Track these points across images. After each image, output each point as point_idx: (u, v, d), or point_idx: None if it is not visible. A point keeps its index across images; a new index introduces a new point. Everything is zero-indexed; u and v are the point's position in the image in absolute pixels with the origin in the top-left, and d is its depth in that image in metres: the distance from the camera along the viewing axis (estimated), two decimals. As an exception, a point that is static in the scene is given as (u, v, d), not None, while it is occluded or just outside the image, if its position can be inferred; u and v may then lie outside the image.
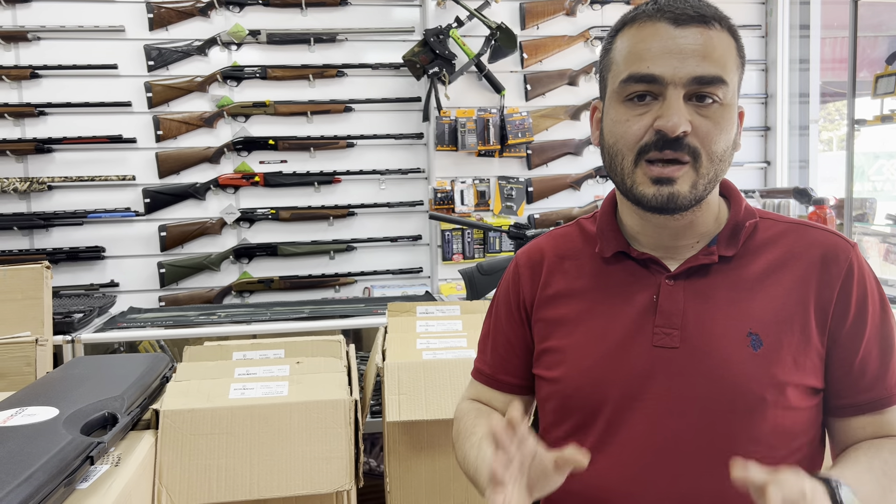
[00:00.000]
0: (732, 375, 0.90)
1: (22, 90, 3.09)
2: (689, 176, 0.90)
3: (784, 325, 0.92)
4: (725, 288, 0.95)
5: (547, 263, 1.07)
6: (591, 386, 0.97)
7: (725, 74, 0.90)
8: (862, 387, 0.94)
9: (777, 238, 0.98)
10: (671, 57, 0.88)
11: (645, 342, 0.95)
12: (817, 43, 3.63)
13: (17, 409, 1.35)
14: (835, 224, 2.69)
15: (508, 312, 1.10)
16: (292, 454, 1.50)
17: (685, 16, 0.89)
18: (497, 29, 3.28)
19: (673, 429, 0.92)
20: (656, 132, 0.89)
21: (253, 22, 3.23)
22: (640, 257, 0.99)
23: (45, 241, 3.13)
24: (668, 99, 0.88)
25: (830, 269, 0.94)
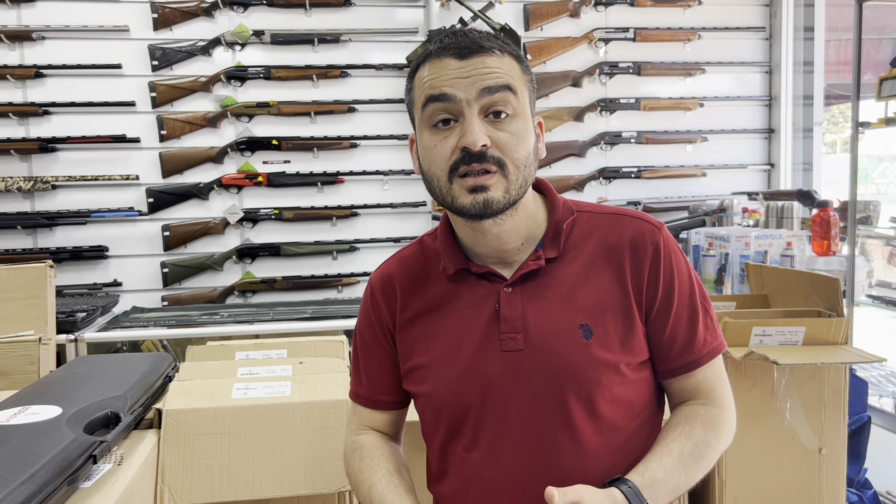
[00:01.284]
0: (570, 365, 1.02)
1: (26, 89, 3.10)
2: (500, 183, 0.99)
3: (609, 312, 1.04)
4: (555, 286, 1.06)
5: (399, 287, 1.15)
6: (456, 396, 1.06)
7: (513, 84, 1.00)
8: (674, 354, 1.07)
9: (593, 230, 1.09)
10: (460, 80, 0.98)
11: (495, 348, 1.04)
12: (821, 45, 3.62)
13: (20, 408, 1.35)
14: (838, 226, 2.69)
15: (373, 336, 1.18)
16: (295, 454, 1.51)
17: (466, 49, 0.99)
18: (501, 30, 3.27)
19: (530, 421, 1.03)
20: (462, 150, 0.98)
21: (257, 22, 3.24)
22: (479, 271, 1.08)
23: (48, 241, 3.14)
24: (467, 119, 0.98)
25: (639, 252, 1.05)
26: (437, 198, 1.05)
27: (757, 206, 3.31)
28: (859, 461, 2.20)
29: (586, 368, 1.02)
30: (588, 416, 1.03)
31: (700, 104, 3.59)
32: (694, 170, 3.60)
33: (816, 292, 2.01)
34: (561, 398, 1.02)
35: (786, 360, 1.70)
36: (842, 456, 1.89)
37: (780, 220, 3.02)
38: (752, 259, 2.62)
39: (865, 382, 2.27)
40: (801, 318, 1.88)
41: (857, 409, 2.17)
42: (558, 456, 1.03)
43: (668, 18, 3.56)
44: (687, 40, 3.55)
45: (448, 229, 1.13)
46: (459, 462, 1.09)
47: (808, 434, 1.87)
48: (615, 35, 3.51)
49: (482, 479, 1.06)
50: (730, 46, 3.65)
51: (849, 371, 1.90)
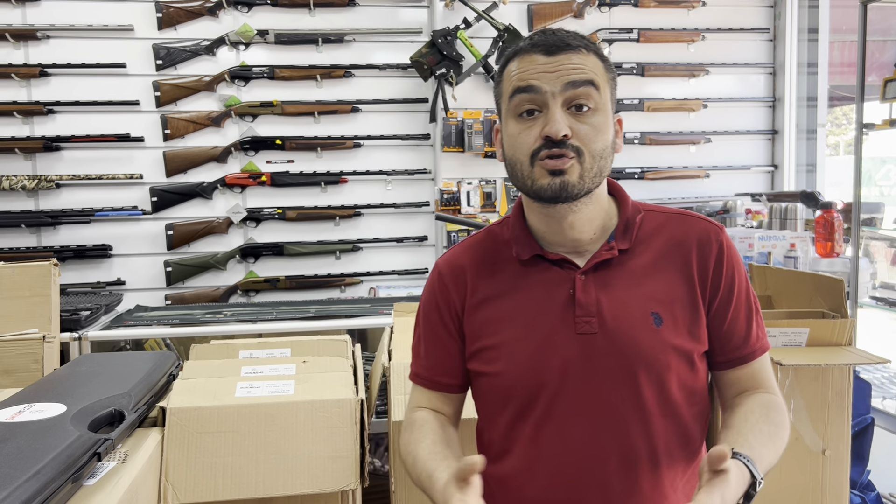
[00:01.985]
0: (642, 349, 1.07)
1: (31, 88, 3.11)
2: (576, 168, 1.06)
3: (678, 302, 1.11)
4: (626, 276, 1.12)
5: (470, 271, 1.19)
6: (529, 375, 1.11)
7: (595, 80, 1.07)
8: (733, 345, 1.14)
9: (660, 228, 1.16)
10: (547, 75, 1.06)
11: (569, 331, 1.10)
12: (825, 47, 3.62)
13: (25, 406, 1.35)
14: (842, 228, 2.69)
15: (440, 319, 1.21)
16: (298, 453, 1.51)
17: (554, 46, 1.07)
18: (505, 30, 3.28)
19: (602, 400, 1.08)
20: (544, 138, 1.05)
21: (261, 22, 3.24)
22: (553, 258, 1.14)
23: (52, 239, 3.15)
24: (550, 109, 1.05)
25: (705, 249, 1.13)
26: (517, 182, 1.11)
27: (760, 208, 3.31)
28: (862, 463, 2.20)
29: (658, 353, 1.08)
30: (657, 399, 1.08)
31: (704, 105, 3.59)
32: (697, 171, 3.60)
33: (820, 293, 2.01)
34: (633, 380, 1.08)
35: (790, 361, 1.70)
36: (845, 457, 1.89)
37: (784, 221, 3.02)
38: (755, 260, 2.62)
39: (869, 384, 2.27)
40: (804, 320, 1.88)
41: (860, 410, 2.16)
42: (627, 435, 1.08)
43: (671, 19, 3.56)
44: (691, 41, 3.55)
45: (521, 218, 1.19)
46: (527, 440, 1.12)
47: (811, 435, 1.87)
48: (619, 36, 3.51)
49: (550, 455, 1.11)
50: (733, 48, 3.65)
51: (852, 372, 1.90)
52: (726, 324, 1.13)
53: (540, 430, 1.11)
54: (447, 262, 1.23)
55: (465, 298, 1.18)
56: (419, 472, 1.10)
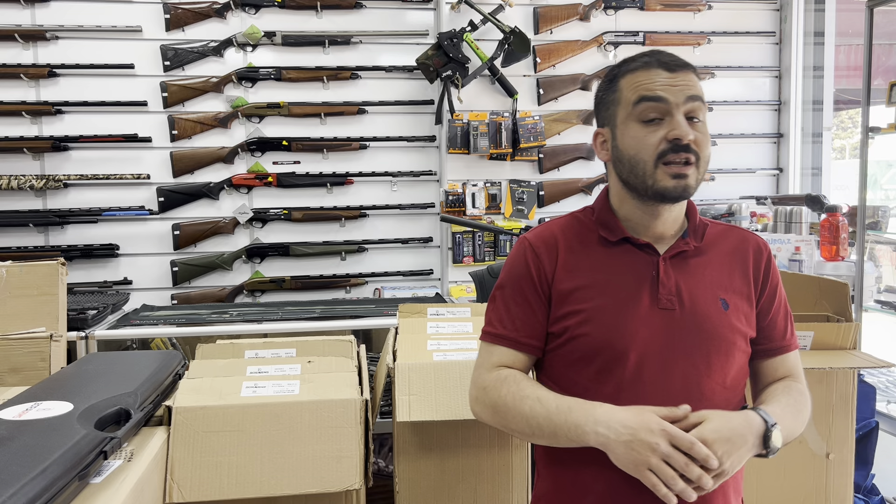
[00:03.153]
0: (714, 327, 1.25)
1: (40, 88, 3.12)
2: (694, 174, 1.23)
3: (738, 293, 1.30)
4: (698, 267, 1.30)
5: (561, 243, 1.33)
6: (617, 339, 1.23)
7: (703, 98, 1.25)
8: (775, 337, 1.33)
9: (722, 235, 1.36)
10: (671, 87, 1.22)
11: (653, 305, 1.25)
12: (831, 50, 3.61)
13: (32, 404, 1.36)
14: (847, 231, 2.68)
15: (530, 285, 1.32)
16: (303, 453, 1.51)
17: (675, 64, 1.24)
18: (511, 33, 3.29)
19: (678, 369, 1.23)
20: (670, 141, 1.20)
21: (268, 23, 3.26)
22: (639, 242, 1.30)
23: (60, 238, 3.17)
24: (675, 117, 1.21)
25: (758, 256, 1.34)
26: (634, 179, 1.25)
27: (765, 211, 3.31)
28: (867, 467, 2.19)
29: (726, 331, 1.25)
30: (722, 372, 1.24)
31: (709, 108, 3.57)
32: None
33: (825, 297, 2.01)
34: (706, 353, 1.23)
35: (793, 365, 1.70)
36: (849, 461, 1.89)
37: (789, 224, 3.01)
38: (760, 263, 2.61)
39: (873, 388, 2.26)
40: (809, 323, 1.88)
41: (864, 414, 2.16)
42: (698, 401, 1.19)
43: (677, 22, 3.56)
44: (696, 44, 3.55)
45: (608, 207, 1.34)
46: (606, 399, 1.21)
47: (815, 439, 1.87)
48: (625, 39, 3.51)
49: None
50: (739, 51, 3.64)
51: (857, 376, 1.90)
52: (768, 318, 1.32)
53: (620, 391, 1.22)
54: (537, 235, 1.36)
55: (556, 266, 1.31)
56: (550, 406, 1.21)
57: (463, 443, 1.78)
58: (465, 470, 1.77)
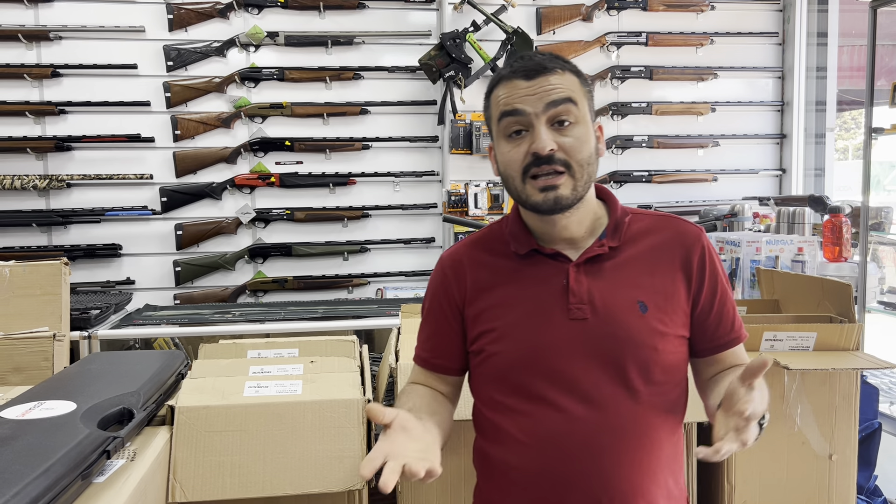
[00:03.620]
0: (630, 333, 1.19)
1: (43, 88, 3.13)
2: (568, 182, 1.18)
3: (660, 293, 1.22)
4: (615, 270, 1.24)
5: (469, 264, 1.31)
6: (527, 355, 1.21)
7: (573, 96, 1.18)
8: (720, 333, 1.27)
9: (647, 229, 1.28)
10: (529, 97, 1.17)
11: (563, 317, 1.21)
12: (835, 51, 3.61)
13: (35, 403, 1.36)
14: (850, 232, 2.68)
15: (440, 308, 1.33)
16: (305, 452, 1.51)
17: (532, 71, 1.18)
18: (513, 33, 3.29)
19: (592, 381, 1.19)
20: (532, 155, 1.17)
21: (271, 24, 3.26)
22: (549, 252, 1.25)
23: (63, 238, 3.17)
24: (535, 128, 1.17)
25: (688, 249, 1.25)
26: (513, 195, 1.23)
27: (768, 212, 3.30)
28: (869, 468, 2.19)
29: (644, 337, 1.19)
30: (643, 379, 1.18)
31: (712, 109, 3.59)
32: (705, 174, 3.60)
33: (828, 298, 2.00)
34: (621, 362, 1.18)
35: (797, 365, 1.70)
36: (852, 462, 1.89)
37: (792, 225, 3.01)
38: (762, 264, 2.61)
39: (876, 389, 2.26)
40: (812, 324, 1.87)
41: (867, 415, 2.16)
42: (616, 414, 1.17)
43: (680, 23, 3.56)
44: (699, 45, 3.55)
45: (519, 217, 1.30)
46: (523, 417, 1.21)
47: (818, 440, 1.87)
48: (627, 39, 3.51)
49: (544, 431, 1.20)
50: (742, 51, 3.64)
51: (860, 377, 1.89)
52: (712, 313, 1.26)
53: (536, 407, 1.20)
54: (450, 256, 1.34)
55: (466, 291, 1.29)
56: None
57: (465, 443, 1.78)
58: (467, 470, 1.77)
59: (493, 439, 1.28)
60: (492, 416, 1.27)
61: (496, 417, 1.26)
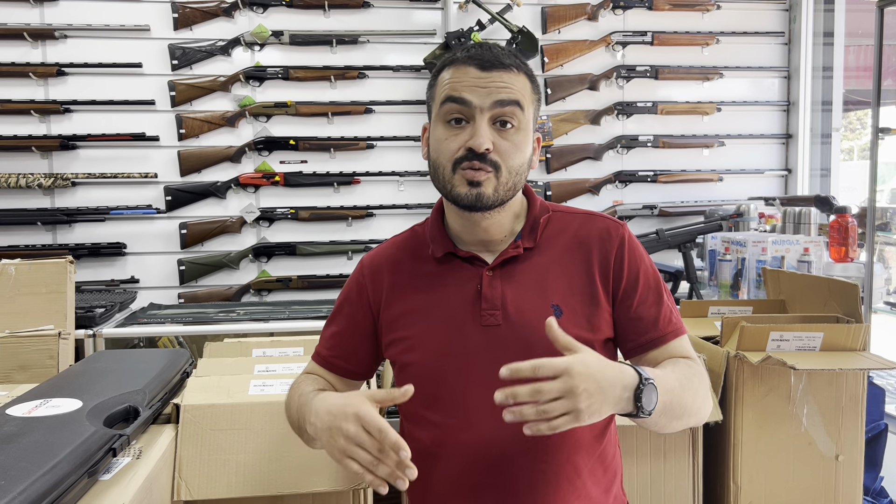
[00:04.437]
0: (543, 340, 1.07)
1: (48, 87, 3.13)
2: (491, 182, 1.14)
3: (577, 295, 1.18)
4: (531, 272, 1.20)
5: (388, 267, 1.28)
6: (439, 364, 1.18)
7: (522, 101, 1.15)
8: (642, 330, 1.20)
9: (566, 227, 1.24)
10: (478, 89, 1.13)
11: (476, 324, 1.18)
12: (841, 50, 3.60)
13: (41, 401, 1.37)
14: (856, 233, 2.67)
15: (351, 310, 1.30)
16: (310, 451, 1.51)
17: (488, 62, 1.14)
18: (518, 32, 3.28)
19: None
20: (468, 149, 1.13)
21: (276, 23, 3.26)
22: (465, 255, 1.22)
23: (67, 237, 3.17)
24: (477, 123, 1.13)
25: (606, 245, 1.21)
26: (437, 184, 1.19)
27: (774, 212, 3.30)
28: (875, 469, 2.18)
29: None
30: None
31: (717, 108, 3.58)
32: (710, 174, 3.59)
33: (834, 298, 2.00)
34: None
35: (803, 366, 1.69)
36: (858, 463, 1.88)
37: (798, 225, 3.00)
38: (768, 264, 2.60)
39: (883, 390, 2.25)
40: (819, 324, 1.87)
41: (873, 416, 2.15)
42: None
43: (686, 22, 3.55)
44: (705, 44, 3.54)
45: (439, 218, 1.27)
46: (436, 427, 1.18)
47: (824, 440, 1.86)
48: (633, 38, 3.50)
49: (457, 443, 1.16)
50: (748, 51, 3.63)
51: (867, 378, 1.89)
52: (632, 311, 1.20)
53: (447, 419, 1.17)
54: (369, 259, 1.32)
55: (382, 294, 1.26)
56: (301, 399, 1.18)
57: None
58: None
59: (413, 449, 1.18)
60: (409, 427, 1.24)
61: (413, 429, 1.23)
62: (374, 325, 1.28)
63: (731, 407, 1.83)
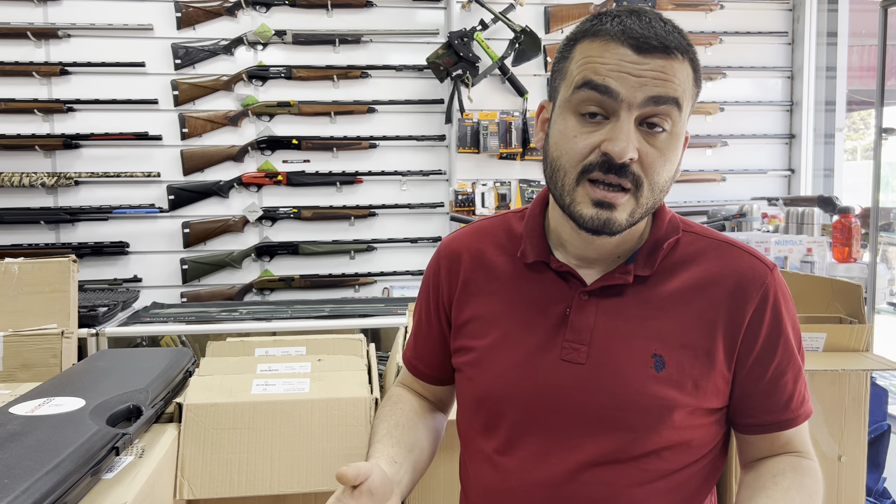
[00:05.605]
0: (632, 395, 0.92)
1: (52, 86, 3.14)
2: (629, 204, 0.89)
3: (689, 349, 0.93)
4: (637, 306, 0.96)
5: (466, 259, 1.07)
6: (500, 391, 0.98)
7: (681, 99, 0.89)
8: (769, 408, 0.97)
9: (697, 256, 0.98)
10: (629, 78, 0.86)
11: (554, 355, 0.96)
12: (844, 50, 3.59)
13: (44, 399, 1.37)
14: (860, 233, 2.66)
15: (428, 306, 1.12)
16: (313, 450, 1.51)
17: (648, 45, 0.87)
18: (521, 32, 3.28)
19: (572, 440, 0.94)
20: (602, 154, 0.87)
21: (279, 22, 3.26)
22: (559, 269, 0.99)
23: (70, 236, 3.18)
24: (620, 121, 0.86)
25: (744, 295, 0.94)
26: (553, 188, 0.95)
27: (777, 212, 3.29)
28: (878, 470, 2.18)
29: (649, 401, 0.92)
30: (640, 452, 0.93)
31: (721, 108, 3.57)
32: (713, 174, 3.59)
33: (838, 298, 1.99)
34: (613, 426, 0.93)
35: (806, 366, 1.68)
36: (861, 464, 1.88)
37: (801, 225, 3.00)
38: (771, 265, 2.59)
39: (886, 391, 2.25)
40: (822, 325, 1.86)
41: (876, 417, 2.14)
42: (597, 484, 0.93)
43: (689, 22, 3.55)
44: (708, 44, 3.54)
45: (540, 215, 1.04)
46: (488, 463, 1.01)
47: (827, 441, 1.86)
48: (636, 38, 3.50)
49: (509, 489, 0.98)
50: (751, 51, 3.63)
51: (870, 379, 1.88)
52: (763, 383, 0.96)
53: (501, 457, 0.99)
54: (448, 244, 1.11)
55: (457, 287, 1.06)
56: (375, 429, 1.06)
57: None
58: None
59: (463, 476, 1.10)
60: (464, 447, 1.09)
61: (466, 452, 1.08)
62: (447, 323, 1.09)
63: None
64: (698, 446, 0.96)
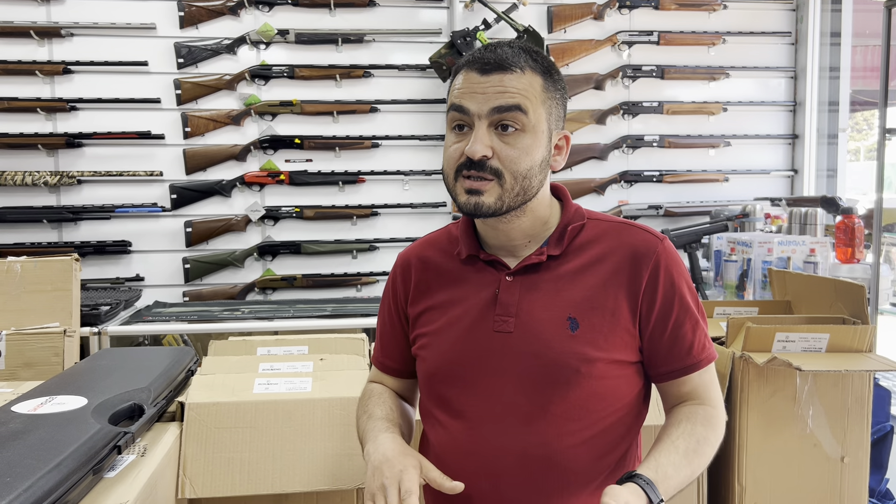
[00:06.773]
0: (553, 353, 1.11)
1: (54, 85, 3.14)
2: (494, 190, 1.11)
3: (597, 310, 1.13)
4: (551, 281, 1.16)
5: (416, 265, 1.28)
6: (447, 365, 1.19)
7: (524, 103, 1.09)
8: (674, 356, 1.16)
9: (600, 236, 1.19)
10: (476, 95, 1.09)
11: (488, 328, 1.16)
12: (848, 51, 3.59)
13: (46, 398, 1.37)
14: (863, 234, 2.66)
15: (389, 308, 1.33)
16: (314, 450, 1.51)
17: (488, 65, 1.10)
18: (524, 32, 3.28)
19: (508, 398, 1.13)
20: (466, 156, 1.10)
21: (282, 21, 3.26)
22: (487, 258, 1.21)
23: (73, 235, 3.18)
24: (475, 129, 1.10)
25: (640, 262, 1.15)
26: (447, 188, 1.17)
27: (780, 212, 3.29)
28: (881, 471, 2.17)
29: (568, 357, 1.11)
30: (565, 403, 1.11)
31: (724, 108, 3.57)
32: (716, 174, 3.58)
33: (841, 299, 1.99)
34: (541, 381, 1.12)
35: (809, 367, 1.68)
36: (864, 465, 1.87)
37: (804, 226, 2.99)
38: (774, 265, 2.60)
39: (889, 392, 2.24)
40: (825, 325, 1.86)
41: (879, 418, 2.14)
42: (532, 434, 1.12)
43: (692, 22, 3.54)
44: (711, 44, 3.53)
45: (470, 220, 1.25)
46: (441, 428, 1.20)
47: (830, 442, 1.85)
48: (639, 38, 3.50)
49: (459, 447, 1.17)
50: (755, 51, 3.62)
51: (873, 379, 1.88)
52: (665, 337, 1.15)
53: (452, 421, 1.18)
54: (401, 256, 1.33)
55: (410, 289, 1.27)
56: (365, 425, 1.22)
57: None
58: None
59: (423, 446, 1.28)
60: (423, 421, 1.27)
61: (425, 424, 1.26)
62: (406, 322, 1.30)
63: (736, 408, 1.83)
64: (619, 396, 1.15)
